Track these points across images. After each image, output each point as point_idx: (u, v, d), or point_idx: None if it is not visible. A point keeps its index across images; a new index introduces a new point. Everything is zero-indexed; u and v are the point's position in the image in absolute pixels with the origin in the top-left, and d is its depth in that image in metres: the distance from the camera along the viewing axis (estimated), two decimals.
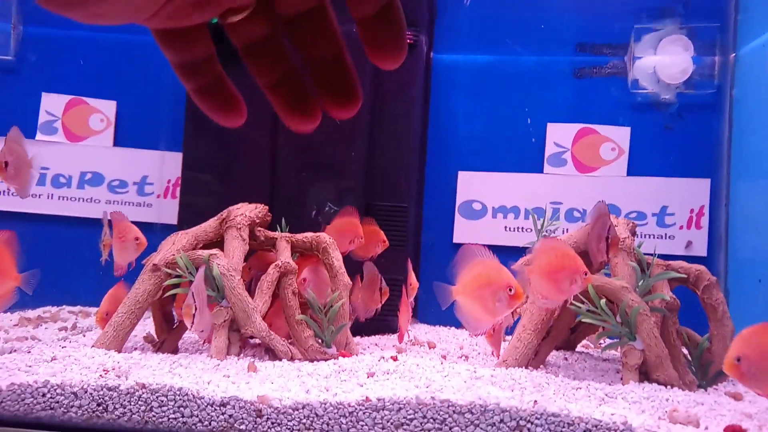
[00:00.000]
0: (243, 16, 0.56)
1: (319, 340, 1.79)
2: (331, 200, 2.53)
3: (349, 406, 1.19)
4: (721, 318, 1.71)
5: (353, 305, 1.97)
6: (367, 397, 1.19)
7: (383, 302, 2.04)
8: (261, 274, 1.83)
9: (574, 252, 1.49)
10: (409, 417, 1.18)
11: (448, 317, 2.24)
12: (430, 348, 2.13)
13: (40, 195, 2.71)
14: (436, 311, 2.09)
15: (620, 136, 2.69)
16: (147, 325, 1.91)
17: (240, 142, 2.49)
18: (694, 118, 2.66)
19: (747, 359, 1.11)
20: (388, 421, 1.18)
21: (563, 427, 1.16)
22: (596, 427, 1.15)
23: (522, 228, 2.71)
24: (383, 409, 1.18)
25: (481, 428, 1.17)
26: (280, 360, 1.65)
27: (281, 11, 0.57)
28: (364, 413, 1.18)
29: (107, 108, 2.75)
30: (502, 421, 1.17)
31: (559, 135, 2.72)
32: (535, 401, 1.20)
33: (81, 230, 2.73)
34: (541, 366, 1.72)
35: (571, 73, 2.76)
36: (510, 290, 1.31)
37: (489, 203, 2.75)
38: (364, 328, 2.23)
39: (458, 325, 2.61)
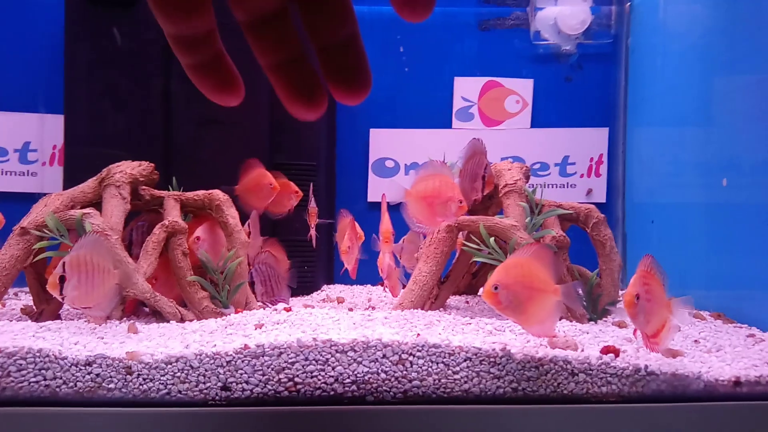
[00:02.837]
0: None
1: (217, 302, 1.72)
2: (236, 159, 2.42)
3: (227, 355, 1.14)
4: (608, 253, 1.79)
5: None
6: (245, 345, 1.15)
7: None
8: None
9: (452, 181, 1.52)
10: (290, 361, 1.14)
11: (365, 276, 2.24)
12: (338, 303, 2.11)
13: None
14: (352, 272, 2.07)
15: (524, 88, 2.73)
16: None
17: (129, 97, 2.31)
18: (593, 69, 2.74)
19: (505, 288, 1.13)
20: (268, 367, 1.14)
21: (444, 357, 1.16)
22: (476, 355, 1.17)
23: None
24: (263, 356, 1.14)
25: (364, 365, 1.15)
26: (168, 321, 1.56)
27: None
28: (242, 361, 1.14)
29: None
30: (384, 356, 1.16)
31: (466, 89, 2.73)
32: (418, 334, 1.19)
33: None
34: (441, 309, 1.74)
35: (476, 25, 2.76)
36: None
37: (401, 160, 2.73)
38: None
39: (373, 283, 2.61)
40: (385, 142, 2.74)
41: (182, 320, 1.58)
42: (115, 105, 2.31)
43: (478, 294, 2.06)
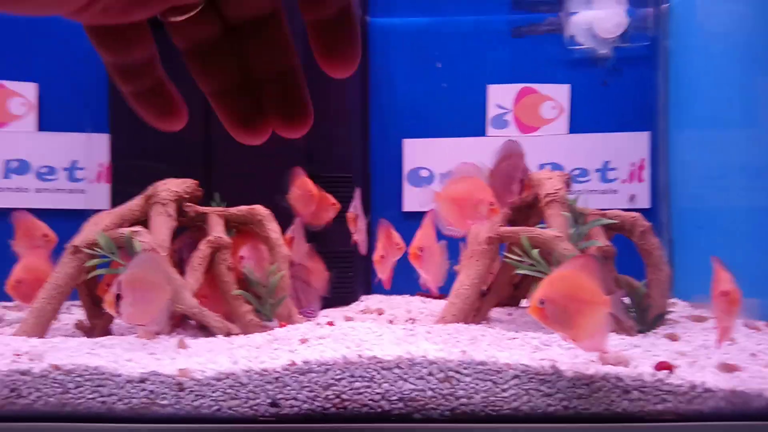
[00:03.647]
0: (188, 16, 0.51)
1: (262, 315, 1.74)
2: (274, 172, 2.45)
3: (275, 371, 1.15)
4: (657, 263, 1.74)
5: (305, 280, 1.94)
6: (292, 361, 1.16)
7: None
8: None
9: (484, 183, 1.51)
10: (336, 377, 1.15)
11: (402, 286, 2.23)
12: (378, 315, 2.11)
13: None
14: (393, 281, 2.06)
15: (560, 94, 2.69)
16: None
17: None
18: (631, 72, 2.68)
19: (551, 302, 1.10)
20: (315, 384, 1.15)
21: (492, 374, 1.15)
22: (524, 372, 1.15)
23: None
24: (310, 372, 1.15)
25: (410, 382, 1.15)
26: (216, 336, 1.60)
27: (229, 15, 0.52)
28: (290, 377, 1.15)
29: (27, 91, 2.59)
30: (430, 373, 1.15)
31: (501, 96, 2.70)
32: (463, 351, 1.19)
33: (9, 222, 2.58)
34: (484, 322, 1.72)
35: (508, 32, 2.74)
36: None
37: (436, 169, 2.72)
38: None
39: (412, 292, 2.60)
40: (419, 152, 2.74)
41: (228, 334, 1.61)
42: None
43: (520, 305, 2.04)
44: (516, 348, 1.35)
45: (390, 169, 2.76)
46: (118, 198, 2.46)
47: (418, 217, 2.89)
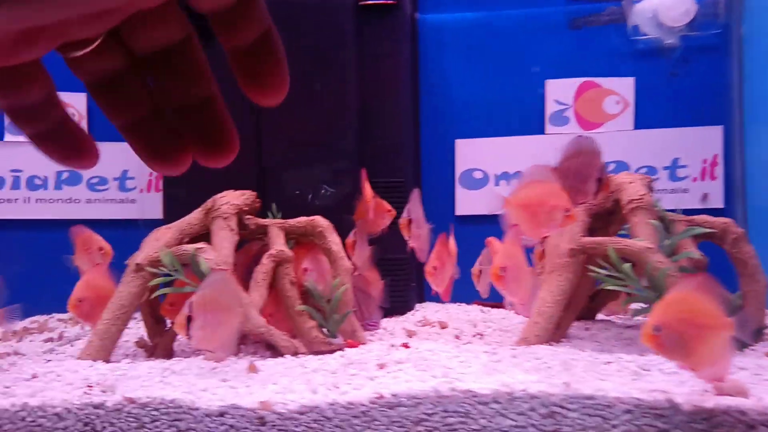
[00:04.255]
0: (86, 51, 0.46)
1: (324, 331, 1.67)
2: (325, 180, 2.39)
3: (361, 405, 1.07)
4: (752, 273, 1.60)
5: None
6: (380, 394, 1.07)
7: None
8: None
9: (558, 187, 1.39)
10: (428, 412, 1.06)
11: (456, 294, 2.13)
12: (441, 328, 2.01)
13: (16, 199, 2.55)
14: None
15: (624, 87, 2.53)
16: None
17: None
18: (701, 62, 2.50)
19: (667, 328, 1.00)
20: (406, 419, 1.06)
21: (600, 409, 1.04)
22: (637, 407, 1.04)
23: None
24: (399, 406, 1.06)
25: (510, 418, 1.05)
26: (283, 356, 1.53)
27: (134, 47, 0.47)
28: (378, 412, 1.06)
29: (77, 101, 2.57)
30: (532, 408, 1.05)
31: (560, 91, 2.56)
32: (567, 383, 1.08)
33: (62, 234, 2.58)
34: (563, 339, 1.61)
35: (566, 24, 2.59)
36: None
37: (490, 171, 2.61)
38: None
39: (468, 300, 2.49)
40: (473, 153, 2.62)
41: (296, 353, 1.54)
42: None
43: (596, 318, 1.91)
44: (614, 374, 1.24)
45: (441, 171, 2.65)
46: (170, 208, 2.43)
47: (471, 221, 2.78)
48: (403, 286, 2.46)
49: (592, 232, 1.65)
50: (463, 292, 2.14)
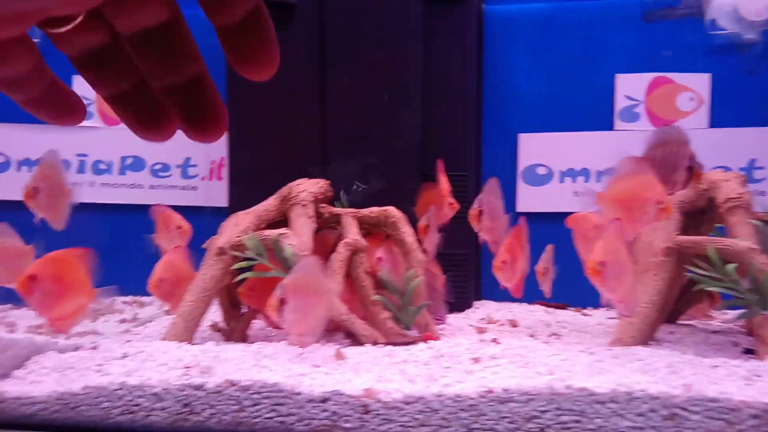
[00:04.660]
0: (69, 28, 0.46)
1: (399, 323, 1.64)
2: (387, 172, 2.35)
3: (470, 398, 1.04)
4: None
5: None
6: (490, 389, 1.04)
7: None
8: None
9: (653, 179, 1.33)
10: (540, 409, 1.02)
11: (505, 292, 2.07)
12: (512, 327, 1.96)
13: (81, 183, 2.59)
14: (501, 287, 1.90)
15: (699, 83, 2.44)
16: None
17: (287, 116, 2.32)
18: None
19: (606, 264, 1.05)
20: (516, 415, 1.02)
21: (725, 413, 0.99)
22: (765, 411, 0.98)
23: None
24: (510, 401, 1.03)
25: (628, 419, 1.00)
26: (363, 345, 1.50)
27: (118, 26, 0.46)
28: (488, 406, 1.03)
29: None
30: (652, 410, 1.00)
31: (631, 86, 2.48)
32: (688, 385, 1.03)
33: (125, 217, 2.61)
34: (651, 342, 1.54)
35: (640, 17, 2.51)
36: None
37: (555, 167, 2.54)
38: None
39: (529, 300, 2.43)
40: (537, 148, 2.56)
41: (375, 343, 1.51)
42: (274, 121, 2.33)
43: (679, 322, 1.84)
44: (725, 378, 1.17)
45: (503, 166, 2.59)
46: (235, 196, 2.44)
47: (533, 218, 2.71)
48: (462, 283, 2.42)
49: (684, 232, 1.58)
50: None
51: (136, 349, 1.33)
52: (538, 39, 2.57)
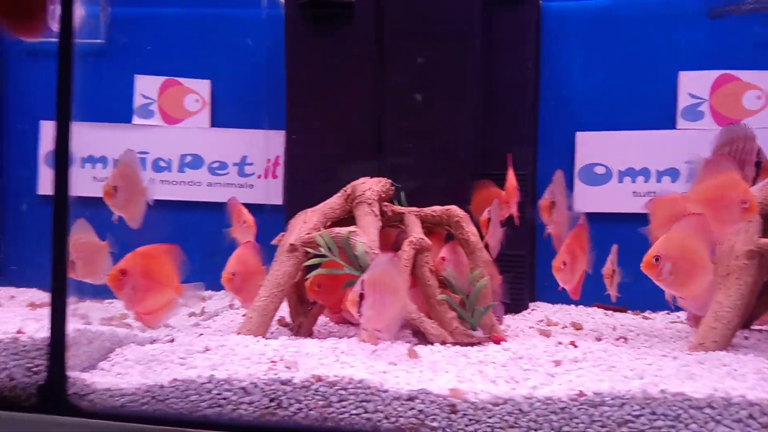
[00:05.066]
0: None
1: (465, 323, 1.64)
2: (444, 169, 2.34)
3: (560, 401, 1.03)
4: None
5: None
6: (581, 392, 1.03)
7: None
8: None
9: (737, 177, 1.29)
10: (634, 413, 1.00)
11: (563, 294, 2.04)
12: (576, 330, 1.93)
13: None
14: (556, 289, 1.87)
15: (766, 81, 2.35)
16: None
17: (344, 115, 2.34)
18: None
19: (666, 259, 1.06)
20: (608, 418, 1.01)
21: None
22: None
23: (654, 192, 2.44)
24: (602, 405, 1.01)
25: (724, 425, 0.98)
26: (432, 344, 1.51)
27: None
28: (579, 409, 1.02)
29: (202, 88, 2.66)
30: (750, 416, 0.97)
31: (694, 84, 2.41)
32: None
33: (184, 214, 2.68)
34: (727, 349, 1.50)
35: (704, 13, 2.43)
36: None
37: (614, 166, 2.49)
38: None
39: (587, 302, 2.39)
40: (595, 146, 2.51)
41: (444, 342, 1.51)
42: (331, 119, 2.35)
43: (751, 327, 1.78)
44: None
45: (560, 165, 2.54)
46: (291, 193, 2.48)
47: (591, 219, 2.66)
48: (518, 284, 2.40)
49: (765, 234, 1.53)
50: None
51: (216, 342, 1.36)
52: (598, 36, 2.52)
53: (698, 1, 2.42)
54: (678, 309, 2.04)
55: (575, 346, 1.36)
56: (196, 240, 2.40)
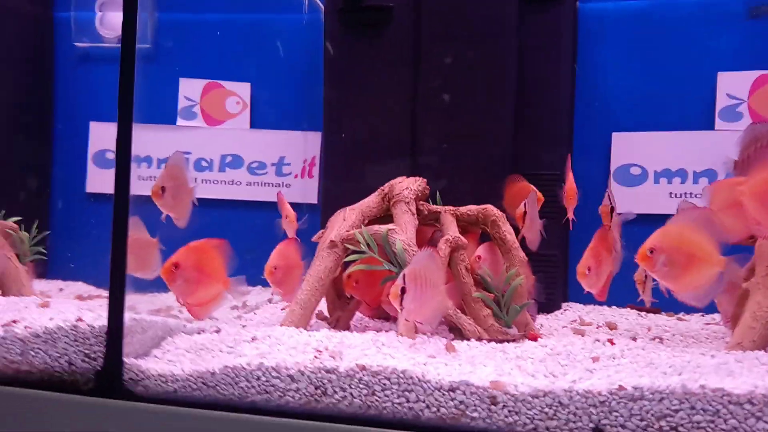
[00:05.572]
0: None
1: (500, 321, 1.67)
2: (479, 171, 2.36)
3: (600, 394, 1.05)
4: None
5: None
6: (620, 386, 1.05)
7: None
8: None
9: None
10: (673, 408, 1.02)
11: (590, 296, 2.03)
12: (611, 330, 1.94)
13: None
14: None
15: None
16: None
17: (380, 116, 2.39)
18: None
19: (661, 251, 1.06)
20: (647, 412, 1.03)
21: None
22: None
23: (690, 194, 2.42)
24: (641, 399, 1.03)
25: (765, 421, 0.99)
26: (468, 339, 1.54)
27: None
28: (618, 403, 1.04)
29: (242, 90, 2.75)
30: None
31: (733, 85, 2.38)
32: None
33: (224, 212, 2.77)
34: (765, 349, 1.49)
35: (744, 13, 2.40)
36: None
37: (650, 167, 2.47)
38: None
39: (620, 304, 2.38)
40: (631, 147, 2.50)
41: (480, 339, 1.55)
42: (367, 121, 2.40)
43: None
44: None
45: (595, 165, 2.55)
46: (327, 193, 2.54)
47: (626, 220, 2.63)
48: (551, 284, 2.40)
49: None
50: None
51: (263, 333, 1.42)
52: (634, 36, 2.51)
53: (739, 1, 2.40)
54: (714, 311, 2.02)
55: (613, 344, 1.38)
56: (236, 237, 2.49)
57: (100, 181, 2.83)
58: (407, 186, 1.80)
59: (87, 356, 1.36)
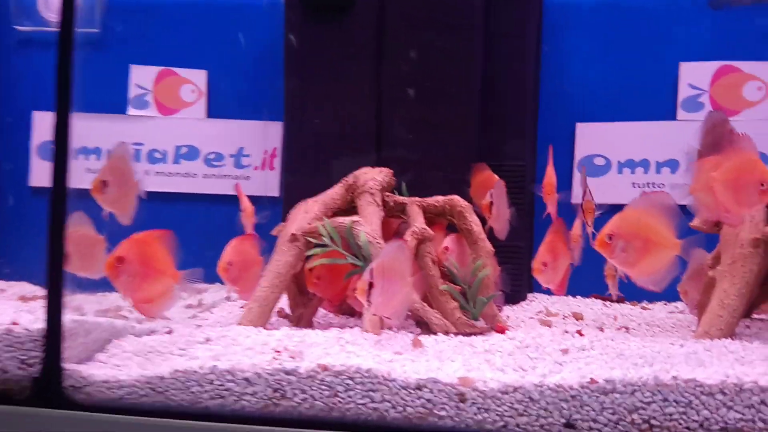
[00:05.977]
0: None
1: (467, 313, 1.62)
2: (444, 160, 2.32)
3: (571, 388, 1.01)
4: None
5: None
6: (592, 379, 1.01)
7: None
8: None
9: (755, 158, 1.28)
10: (645, 400, 0.99)
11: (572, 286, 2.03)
12: (577, 320, 1.92)
13: (137, 172, 2.62)
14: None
15: None
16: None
17: (343, 105, 2.31)
18: None
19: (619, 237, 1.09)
20: (619, 406, 0.99)
21: None
22: None
23: (653, 183, 2.43)
24: (613, 392, 1.00)
25: (736, 411, 0.97)
26: (435, 334, 1.49)
27: None
28: (590, 397, 1.00)
29: (198, 78, 2.62)
30: (762, 402, 0.97)
31: (695, 75, 2.40)
32: None
33: (180, 205, 2.64)
34: (732, 337, 1.50)
35: (705, 3, 2.42)
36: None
37: (613, 157, 2.48)
38: None
39: (583, 293, 2.38)
40: (595, 138, 2.50)
41: (447, 332, 1.50)
42: (330, 110, 2.32)
43: (752, 316, 1.77)
44: None
45: (559, 156, 2.53)
46: (289, 186, 2.44)
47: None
48: (517, 275, 2.38)
49: None
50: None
51: (217, 333, 1.33)
52: (598, 27, 2.50)
53: None
54: (677, 298, 2.04)
55: (582, 335, 1.35)
56: (193, 232, 2.37)
57: (44, 174, 2.65)
58: (372, 177, 1.73)
59: (23, 362, 1.24)
